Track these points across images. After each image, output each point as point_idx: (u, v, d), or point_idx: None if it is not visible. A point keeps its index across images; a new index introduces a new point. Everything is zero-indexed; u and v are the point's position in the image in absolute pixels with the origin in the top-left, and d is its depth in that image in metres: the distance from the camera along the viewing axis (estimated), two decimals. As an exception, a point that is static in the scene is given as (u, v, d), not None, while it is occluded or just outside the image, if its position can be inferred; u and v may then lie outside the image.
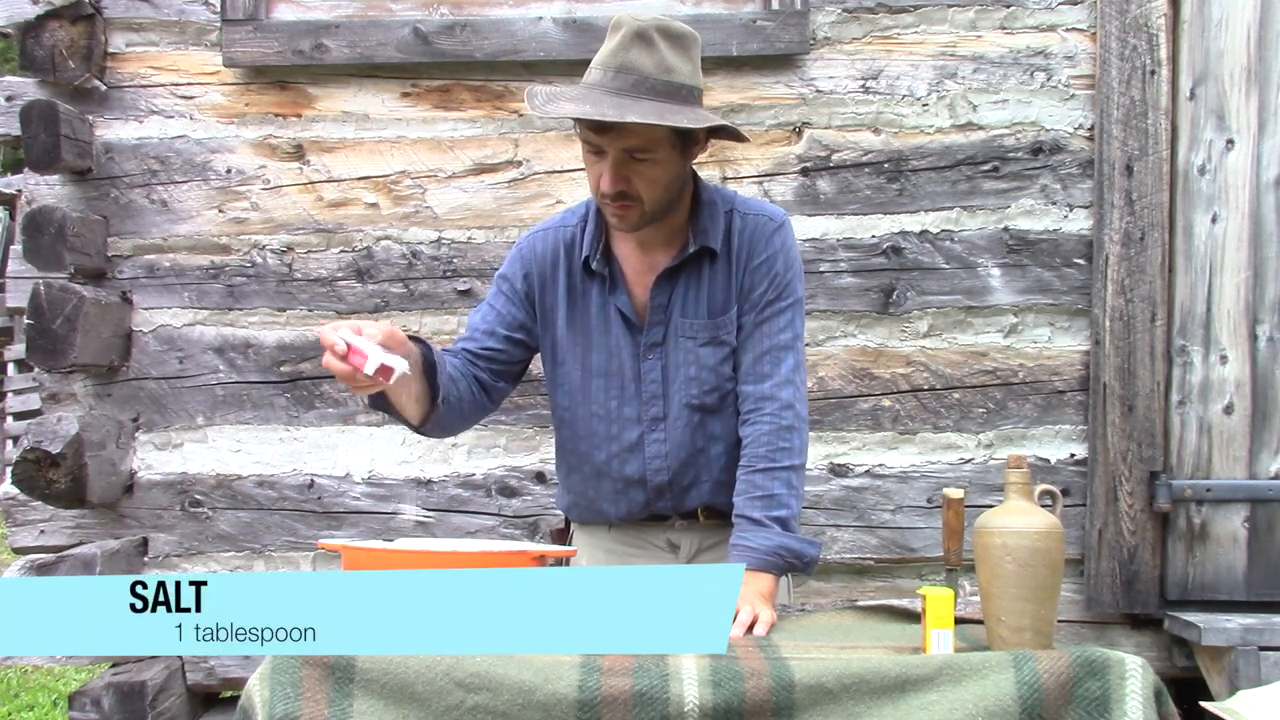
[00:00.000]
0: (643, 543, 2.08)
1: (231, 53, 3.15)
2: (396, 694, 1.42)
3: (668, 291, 2.00)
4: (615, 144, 1.84)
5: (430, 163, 3.20)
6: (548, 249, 2.06)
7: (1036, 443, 3.16)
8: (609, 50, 1.86)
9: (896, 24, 3.17)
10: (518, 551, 1.79)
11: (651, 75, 1.83)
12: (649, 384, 2.01)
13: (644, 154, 1.85)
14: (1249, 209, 3.10)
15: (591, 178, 1.91)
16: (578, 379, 2.05)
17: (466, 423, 2.06)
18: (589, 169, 1.91)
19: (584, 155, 1.92)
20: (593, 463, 2.06)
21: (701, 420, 2.01)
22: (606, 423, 2.04)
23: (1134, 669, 1.43)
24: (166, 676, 3.12)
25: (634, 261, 2.02)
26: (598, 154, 1.88)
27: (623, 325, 2.02)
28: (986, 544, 1.55)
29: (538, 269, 2.06)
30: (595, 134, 1.85)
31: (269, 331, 3.21)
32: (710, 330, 1.99)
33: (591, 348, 2.03)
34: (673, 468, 2.02)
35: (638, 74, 1.83)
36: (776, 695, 1.40)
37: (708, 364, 2.00)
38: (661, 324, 2.01)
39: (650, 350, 2.01)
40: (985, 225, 3.16)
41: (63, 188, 3.20)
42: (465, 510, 3.20)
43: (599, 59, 1.87)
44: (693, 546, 2.08)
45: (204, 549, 3.20)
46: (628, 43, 1.84)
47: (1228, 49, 3.10)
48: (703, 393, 2.00)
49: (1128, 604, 3.10)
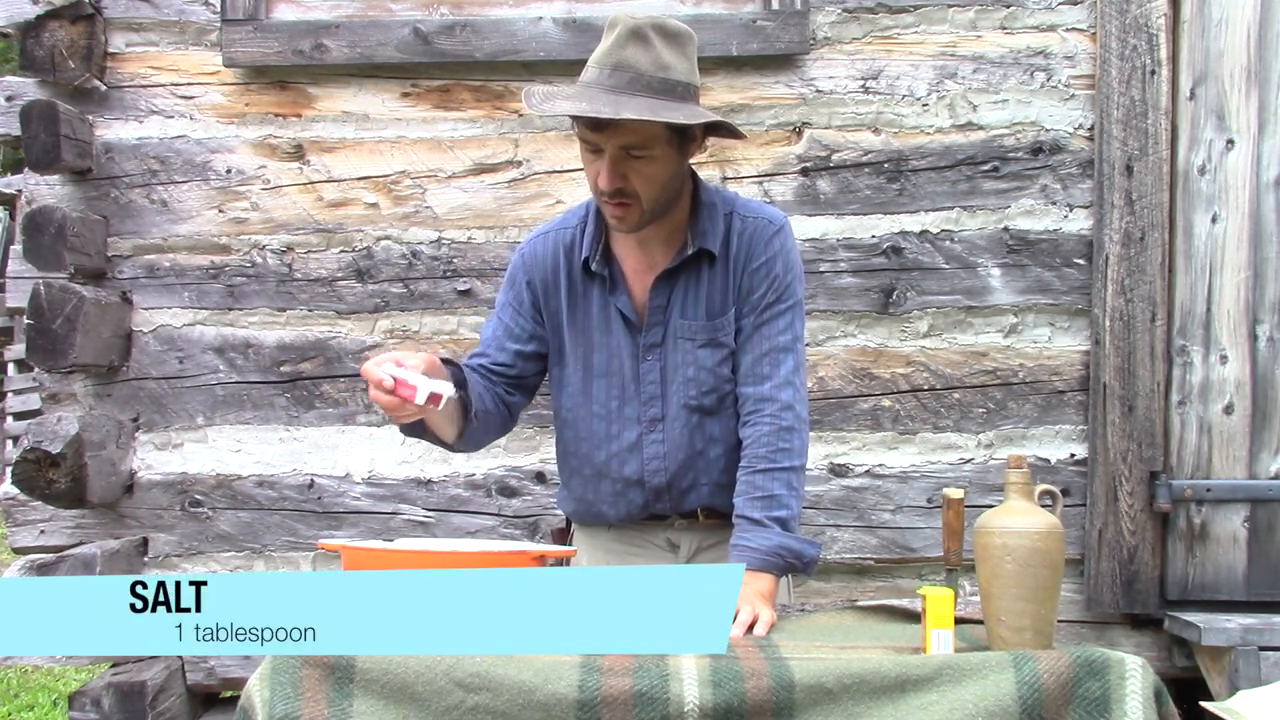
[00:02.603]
0: (643, 542, 2.08)
1: (231, 53, 3.15)
2: (396, 694, 1.42)
3: (666, 292, 2.00)
4: (612, 141, 1.85)
5: (430, 163, 3.20)
6: (548, 252, 2.07)
7: (1036, 443, 3.16)
8: (605, 48, 1.87)
9: (896, 24, 3.17)
10: (518, 551, 1.79)
11: (647, 72, 1.84)
12: (647, 384, 2.01)
13: (641, 151, 1.86)
14: (1249, 209, 3.10)
15: (590, 176, 1.92)
16: (580, 380, 2.05)
17: (491, 436, 2.10)
18: (587, 168, 1.92)
19: (582, 154, 1.93)
20: (593, 464, 2.06)
21: (700, 422, 2.01)
22: (607, 423, 2.04)
23: (1134, 669, 1.43)
24: (166, 676, 3.12)
25: (633, 262, 2.03)
26: (595, 152, 1.88)
27: (623, 325, 2.02)
28: (986, 544, 1.55)
29: (539, 274, 2.06)
30: (592, 132, 1.85)
31: (269, 331, 3.21)
32: (708, 332, 2.00)
33: (593, 348, 2.03)
34: (670, 469, 2.02)
35: (633, 71, 1.84)
36: (776, 695, 1.40)
37: (706, 365, 2.00)
38: (660, 325, 2.01)
39: (649, 351, 2.01)
40: (985, 225, 3.16)
41: (63, 188, 3.20)
42: (465, 510, 3.19)
43: (595, 57, 1.88)
44: (692, 546, 2.08)
45: (204, 549, 3.20)
46: (623, 40, 1.85)
47: (1228, 49, 3.10)
48: (701, 394, 2.00)
49: (1128, 604, 3.10)
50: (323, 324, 3.21)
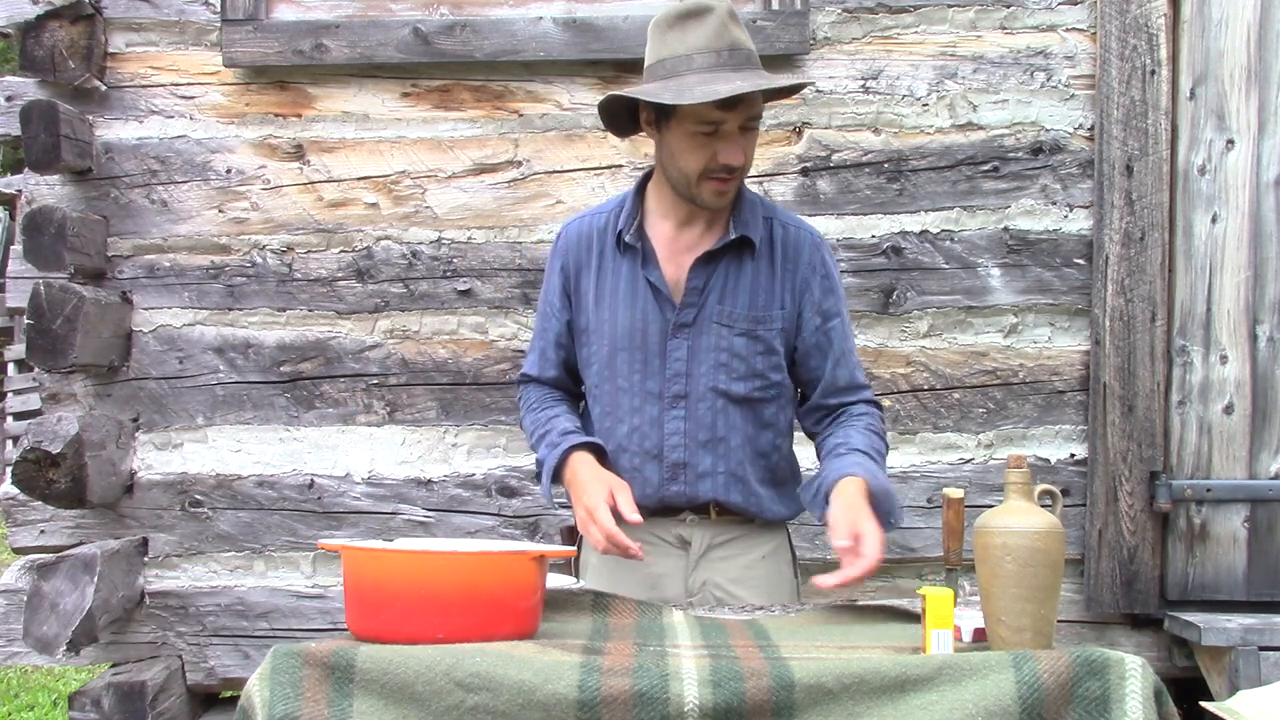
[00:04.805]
0: (654, 538, 2.08)
1: (231, 53, 3.15)
2: (396, 694, 1.42)
3: (705, 275, 2.03)
4: (739, 117, 1.91)
5: (430, 163, 3.20)
6: (582, 232, 2.13)
7: (1036, 443, 3.16)
8: (711, 32, 1.90)
9: (896, 24, 3.17)
10: (518, 551, 1.79)
11: (750, 49, 1.95)
12: (673, 361, 2.03)
13: (754, 122, 1.95)
14: (1249, 209, 3.10)
15: (699, 158, 1.94)
16: (605, 354, 2.08)
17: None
18: (695, 151, 1.93)
19: (687, 139, 1.93)
20: (615, 438, 2.08)
21: (725, 406, 2.03)
22: (630, 395, 2.06)
23: (1134, 669, 1.43)
24: (166, 676, 3.12)
25: (667, 241, 2.06)
26: (710, 133, 1.92)
27: (652, 299, 2.04)
28: (986, 544, 1.55)
29: (573, 255, 2.12)
30: (722, 111, 1.89)
31: (269, 331, 3.21)
32: (748, 323, 2.03)
33: (619, 321, 2.06)
34: (689, 446, 2.03)
35: (745, 49, 1.93)
36: (776, 695, 1.40)
37: (740, 353, 2.03)
38: (695, 306, 2.03)
39: (679, 330, 2.03)
40: (985, 225, 3.16)
41: (63, 188, 3.20)
42: (465, 510, 3.19)
43: (701, 43, 1.90)
44: (704, 543, 2.08)
45: (204, 549, 3.20)
46: (726, 22, 1.92)
47: (1228, 49, 3.10)
48: (730, 379, 2.03)
49: (1128, 604, 3.10)
50: (323, 324, 3.21)
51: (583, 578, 2.15)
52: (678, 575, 2.07)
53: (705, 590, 2.06)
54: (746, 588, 2.07)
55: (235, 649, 3.20)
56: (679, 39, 1.92)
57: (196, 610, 3.20)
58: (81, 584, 2.91)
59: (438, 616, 1.48)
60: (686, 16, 1.92)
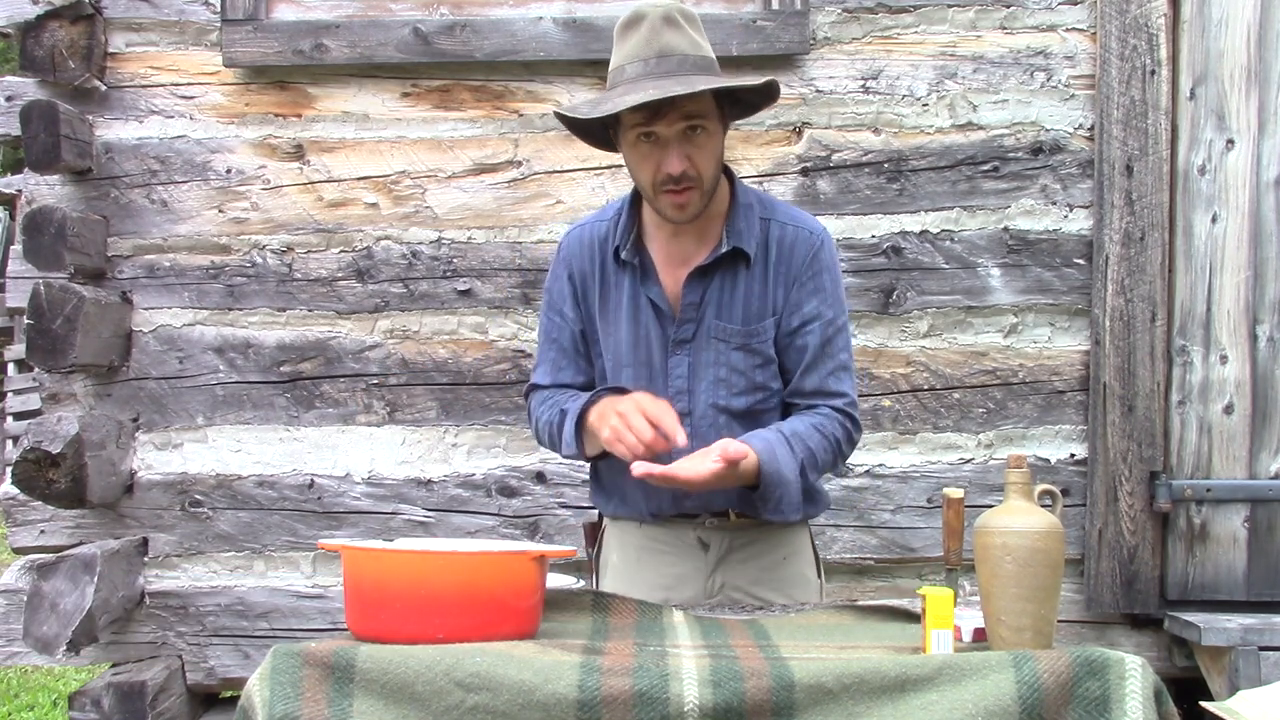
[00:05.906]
0: (674, 541, 2.07)
1: (231, 53, 3.15)
2: (396, 694, 1.42)
3: (700, 290, 2.00)
4: (674, 124, 1.86)
5: (430, 163, 3.20)
6: (584, 240, 2.09)
7: (1036, 443, 3.16)
8: (640, 40, 1.87)
9: (896, 24, 3.17)
10: (518, 551, 1.79)
11: (689, 53, 1.88)
12: (675, 379, 2.01)
13: (699, 123, 1.87)
14: (1249, 209, 3.10)
15: (647, 170, 1.91)
16: (610, 369, 2.06)
17: None
18: (642, 163, 1.91)
19: (633, 150, 1.91)
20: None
21: (728, 422, 2.00)
22: None
23: (1134, 669, 1.43)
24: (166, 676, 3.12)
25: (664, 254, 2.03)
26: (653, 143, 1.88)
27: (653, 316, 2.02)
28: (986, 544, 1.55)
29: (578, 264, 2.08)
30: (652, 120, 1.85)
31: (269, 331, 3.21)
32: (743, 336, 2.00)
33: (622, 337, 2.04)
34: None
35: (678, 54, 1.87)
36: (776, 695, 1.39)
37: (739, 368, 2.00)
38: (693, 322, 2.01)
39: (679, 346, 2.01)
40: (985, 225, 3.16)
41: (63, 188, 3.20)
42: (465, 510, 3.19)
43: (633, 52, 1.88)
44: (723, 546, 2.06)
45: (204, 549, 3.20)
46: (658, 28, 1.87)
47: (1228, 49, 3.10)
48: (730, 395, 2.00)
49: (1128, 604, 3.10)
50: (323, 324, 3.21)
51: (602, 577, 2.14)
52: (697, 577, 2.06)
53: (724, 592, 2.05)
54: (768, 589, 2.05)
55: (235, 649, 3.20)
56: (618, 49, 1.90)
57: (196, 610, 3.20)
58: (81, 584, 2.91)
59: (438, 616, 1.48)
60: (626, 26, 1.90)
